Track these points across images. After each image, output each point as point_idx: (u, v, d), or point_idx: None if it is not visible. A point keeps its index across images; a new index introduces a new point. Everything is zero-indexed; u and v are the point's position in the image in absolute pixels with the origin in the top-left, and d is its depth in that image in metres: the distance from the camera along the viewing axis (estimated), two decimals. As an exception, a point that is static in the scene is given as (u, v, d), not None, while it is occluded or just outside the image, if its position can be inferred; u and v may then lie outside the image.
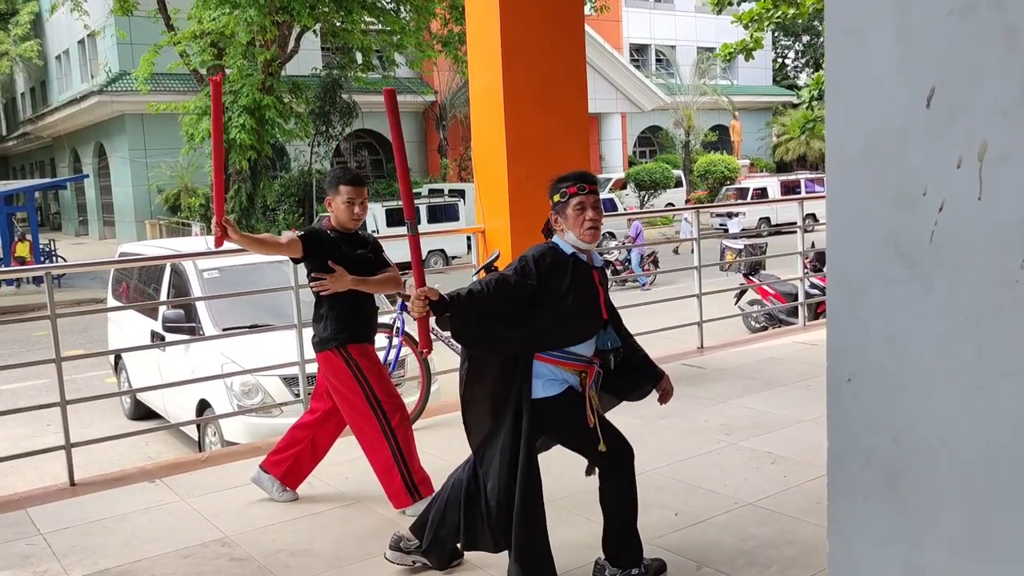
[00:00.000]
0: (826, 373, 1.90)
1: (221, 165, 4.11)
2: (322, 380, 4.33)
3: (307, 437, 4.40)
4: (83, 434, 6.34)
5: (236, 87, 18.90)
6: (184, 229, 23.66)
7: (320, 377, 4.34)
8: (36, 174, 40.16)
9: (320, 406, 4.37)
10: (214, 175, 4.07)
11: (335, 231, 4.23)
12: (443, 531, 3.44)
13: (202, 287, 7.28)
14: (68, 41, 32.87)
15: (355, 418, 4.20)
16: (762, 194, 26.67)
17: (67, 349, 6.47)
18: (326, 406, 4.34)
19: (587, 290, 3.31)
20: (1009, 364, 1.57)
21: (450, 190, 24.40)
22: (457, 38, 20.28)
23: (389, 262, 4.42)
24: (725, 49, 16.53)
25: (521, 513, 3.17)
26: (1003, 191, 1.53)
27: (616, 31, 35.47)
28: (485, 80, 6.13)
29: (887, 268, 1.74)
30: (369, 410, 4.13)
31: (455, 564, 3.58)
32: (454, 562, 3.58)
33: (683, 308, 8.01)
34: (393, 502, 4.20)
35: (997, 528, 1.63)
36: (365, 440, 4.21)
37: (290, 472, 4.43)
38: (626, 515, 3.35)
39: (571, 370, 3.27)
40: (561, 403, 3.24)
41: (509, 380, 3.26)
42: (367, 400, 4.13)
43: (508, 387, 3.26)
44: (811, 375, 6.20)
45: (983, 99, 1.54)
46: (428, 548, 3.50)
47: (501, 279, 3.21)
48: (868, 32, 1.70)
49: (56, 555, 3.90)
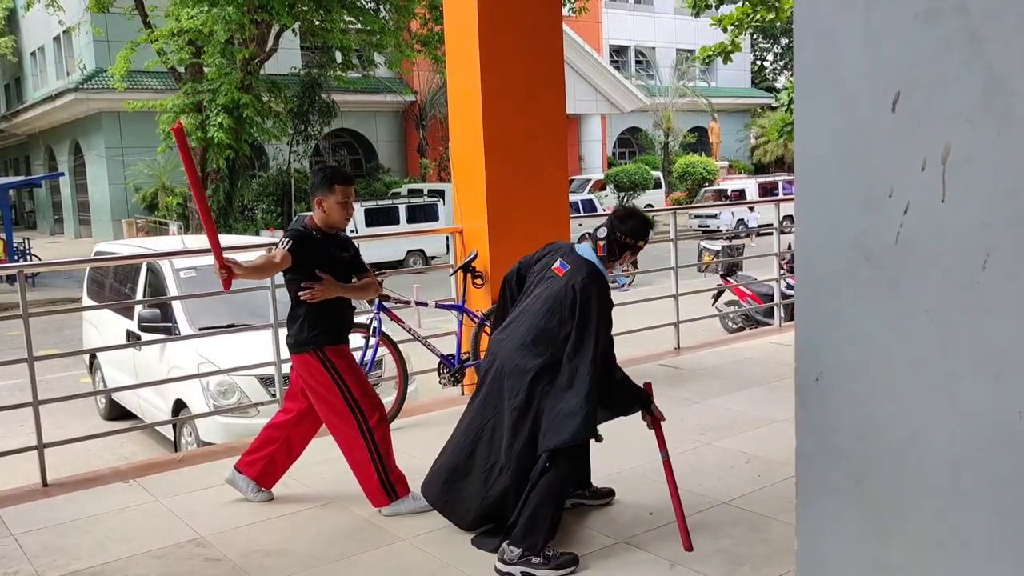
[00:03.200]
0: (794, 373, 1.92)
1: (206, 208, 3.93)
2: (296, 380, 4.31)
3: (281, 437, 4.38)
4: (57, 434, 6.28)
5: (214, 85, 18.78)
6: (161, 228, 23.48)
7: (294, 377, 4.32)
8: (10, 172, 39.68)
9: (294, 406, 4.35)
10: (202, 217, 3.89)
11: (320, 232, 4.19)
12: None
13: (178, 286, 7.23)
14: (43, 37, 32.50)
15: (332, 419, 4.18)
16: (740, 196, 26.83)
17: (41, 349, 6.41)
18: (300, 406, 4.32)
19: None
20: (973, 364, 1.60)
21: (429, 190, 24.35)
22: (437, 38, 20.27)
23: (365, 266, 4.40)
24: (704, 52, 16.64)
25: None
26: (966, 193, 1.56)
27: (596, 32, 35.56)
28: (463, 81, 6.13)
29: (855, 269, 1.76)
30: (347, 410, 4.12)
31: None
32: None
33: (660, 309, 8.04)
34: (371, 501, 4.20)
35: (962, 526, 1.66)
36: (343, 440, 4.20)
37: (265, 472, 4.40)
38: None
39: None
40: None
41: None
42: (345, 400, 4.12)
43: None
44: (786, 375, 6.24)
45: (947, 103, 1.57)
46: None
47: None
48: (835, 36, 1.73)
49: (28, 556, 3.86)
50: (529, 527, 3.47)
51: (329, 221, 4.19)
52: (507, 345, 3.62)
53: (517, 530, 3.49)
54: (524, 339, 3.56)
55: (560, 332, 3.50)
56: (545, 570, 3.42)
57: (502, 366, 3.62)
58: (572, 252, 3.71)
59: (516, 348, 3.57)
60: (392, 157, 31.63)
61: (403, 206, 20.93)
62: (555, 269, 3.66)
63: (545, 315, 3.54)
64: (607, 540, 3.77)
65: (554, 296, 3.55)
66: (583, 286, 3.50)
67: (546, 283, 3.65)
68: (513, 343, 3.59)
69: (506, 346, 3.63)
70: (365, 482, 4.18)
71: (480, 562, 3.63)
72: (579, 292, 3.49)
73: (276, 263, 4.08)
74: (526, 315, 3.64)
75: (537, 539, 3.46)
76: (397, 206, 20.80)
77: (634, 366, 6.80)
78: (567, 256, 3.69)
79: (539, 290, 3.67)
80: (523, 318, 3.64)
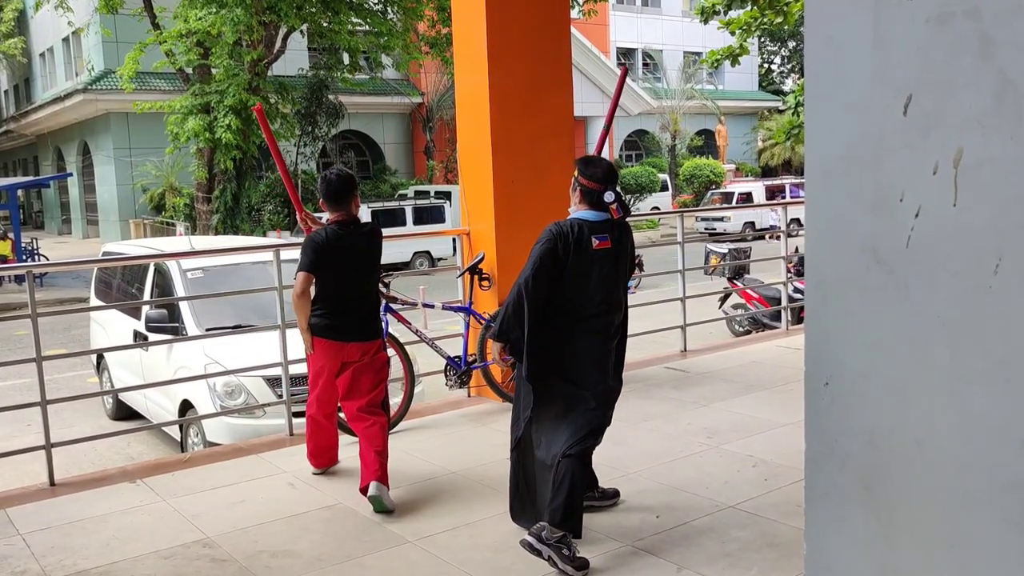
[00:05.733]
0: (804, 377, 1.91)
1: (287, 172, 5.02)
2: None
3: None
4: (64, 434, 6.31)
5: (222, 87, 18.82)
6: (169, 229, 23.53)
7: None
8: (19, 172, 39.81)
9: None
10: (284, 181, 4.96)
11: (334, 223, 4.40)
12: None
13: (186, 287, 7.25)
14: (52, 39, 32.63)
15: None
16: (747, 199, 26.79)
17: (48, 349, 6.43)
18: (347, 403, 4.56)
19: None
20: (982, 369, 1.59)
21: (436, 192, 24.35)
22: (445, 40, 20.28)
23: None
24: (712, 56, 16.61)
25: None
26: (978, 197, 1.55)
27: (603, 35, 35.54)
28: (471, 83, 6.14)
29: (864, 273, 1.76)
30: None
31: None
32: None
33: (667, 311, 8.03)
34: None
35: (970, 531, 1.65)
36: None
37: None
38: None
39: None
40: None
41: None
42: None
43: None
44: (793, 379, 6.23)
45: (959, 107, 1.56)
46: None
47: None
48: (846, 40, 1.72)
49: (35, 556, 3.87)
50: (568, 510, 3.53)
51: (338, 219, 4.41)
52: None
53: (557, 512, 3.52)
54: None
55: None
56: (569, 566, 3.46)
57: None
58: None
59: None
60: (399, 159, 31.66)
61: (410, 208, 20.95)
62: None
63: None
64: (615, 544, 3.76)
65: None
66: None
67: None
68: None
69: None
70: (385, 463, 4.37)
71: (486, 564, 3.63)
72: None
73: (300, 293, 4.35)
74: None
75: (578, 523, 3.56)
76: (404, 208, 20.82)
77: (640, 369, 6.80)
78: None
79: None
80: None
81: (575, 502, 3.55)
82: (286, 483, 4.70)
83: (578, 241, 3.65)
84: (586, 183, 3.74)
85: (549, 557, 3.47)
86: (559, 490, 3.54)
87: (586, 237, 3.67)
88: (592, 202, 3.73)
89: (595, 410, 3.68)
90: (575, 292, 3.67)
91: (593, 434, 3.68)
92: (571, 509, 3.53)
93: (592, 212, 3.73)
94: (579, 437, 3.62)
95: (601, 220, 3.72)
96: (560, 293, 3.67)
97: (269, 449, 5.30)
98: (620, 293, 3.82)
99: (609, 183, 3.72)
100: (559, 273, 3.65)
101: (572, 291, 3.67)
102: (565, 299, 3.68)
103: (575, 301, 3.68)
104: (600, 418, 3.71)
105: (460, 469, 4.77)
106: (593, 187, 3.72)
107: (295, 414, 5.54)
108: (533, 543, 3.51)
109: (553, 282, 3.65)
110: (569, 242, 3.64)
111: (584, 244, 3.66)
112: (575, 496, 3.55)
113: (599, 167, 3.77)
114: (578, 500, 3.58)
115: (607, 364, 3.75)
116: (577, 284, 3.67)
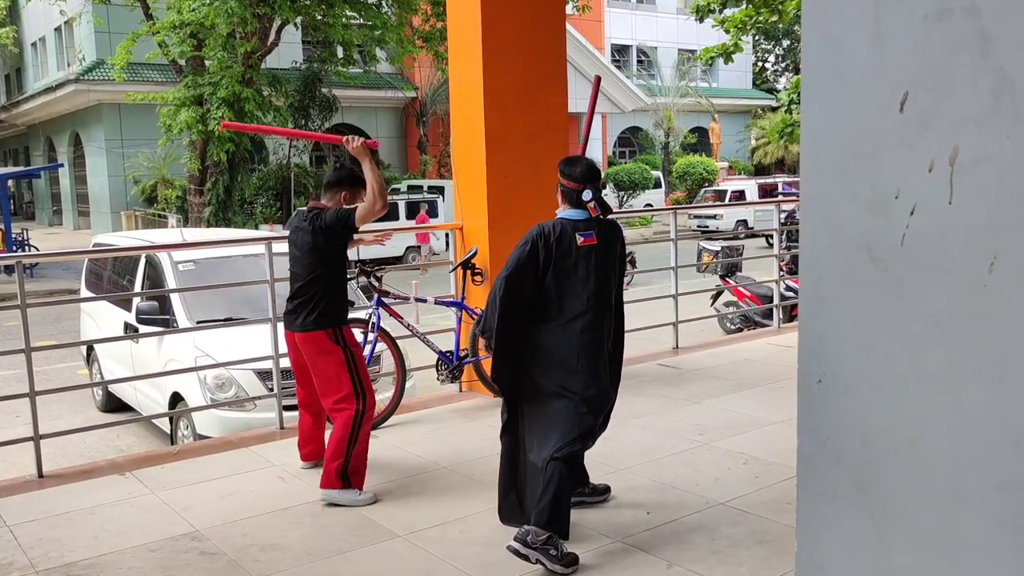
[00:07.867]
0: (797, 374, 1.91)
1: (313, 135, 5.83)
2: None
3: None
4: (53, 426, 6.27)
5: (215, 79, 18.75)
6: (161, 221, 23.43)
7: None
8: (10, 162, 39.58)
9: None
10: (310, 137, 5.63)
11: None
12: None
13: (177, 279, 7.21)
14: (44, 28, 32.42)
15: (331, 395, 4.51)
16: (740, 197, 26.82)
17: (38, 340, 6.39)
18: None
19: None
20: (977, 368, 1.59)
21: (429, 187, 24.31)
22: (439, 34, 20.24)
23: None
24: (707, 53, 16.61)
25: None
26: (973, 196, 1.55)
27: (598, 31, 35.49)
28: (465, 79, 6.12)
29: (859, 271, 1.75)
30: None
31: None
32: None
33: (659, 308, 8.03)
34: (323, 481, 4.36)
35: (964, 530, 1.65)
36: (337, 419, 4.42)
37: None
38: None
39: None
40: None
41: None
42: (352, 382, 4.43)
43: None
44: (784, 377, 6.24)
45: (955, 104, 1.55)
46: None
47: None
48: (844, 37, 1.71)
49: (22, 547, 3.85)
50: (554, 512, 3.51)
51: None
52: None
53: (543, 513, 3.51)
54: None
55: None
56: (558, 565, 3.45)
57: None
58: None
59: None
60: (392, 153, 31.57)
61: (403, 202, 20.90)
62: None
63: None
64: (605, 540, 3.76)
65: None
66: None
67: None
68: None
69: None
70: (330, 461, 4.28)
71: (474, 558, 3.62)
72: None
73: (374, 211, 4.34)
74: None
75: (564, 525, 3.54)
76: (397, 202, 20.77)
77: (632, 365, 6.80)
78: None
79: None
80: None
81: (562, 504, 3.53)
82: (276, 476, 4.68)
83: (560, 240, 3.66)
84: (566, 183, 3.77)
85: (537, 560, 3.46)
86: (546, 491, 3.53)
87: (569, 235, 3.67)
88: (573, 201, 3.76)
89: (586, 415, 3.65)
90: (562, 291, 3.66)
91: (583, 438, 3.66)
92: (557, 511, 3.51)
93: (575, 211, 3.75)
94: (568, 440, 3.60)
95: (584, 218, 3.73)
96: (546, 294, 3.66)
97: (259, 442, 5.29)
98: (610, 291, 3.80)
99: (587, 182, 3.72)
100: (543, 274, 3.64)
101: (559, 290, 3.66)
102: (552, 299, 3.67)
103: (563, 300, 3.67)
104: (591, 423, 3.68)
105: (451, 464, 4.76)
106: (572, 186, 3.74)
107: (286, 407, 5.53)
108: (519, 548, 3.49)
109: (536, 284, 3.65)
110: (550, 242, 3.65)
111: (567, 242, 3.66)
112: (562, 498, 3.53)
113: (577, 166, 3.79)
114: (565, 502, 3.56)
115: (599, 366, 3.73)
116: (563, 283, 3.66)
